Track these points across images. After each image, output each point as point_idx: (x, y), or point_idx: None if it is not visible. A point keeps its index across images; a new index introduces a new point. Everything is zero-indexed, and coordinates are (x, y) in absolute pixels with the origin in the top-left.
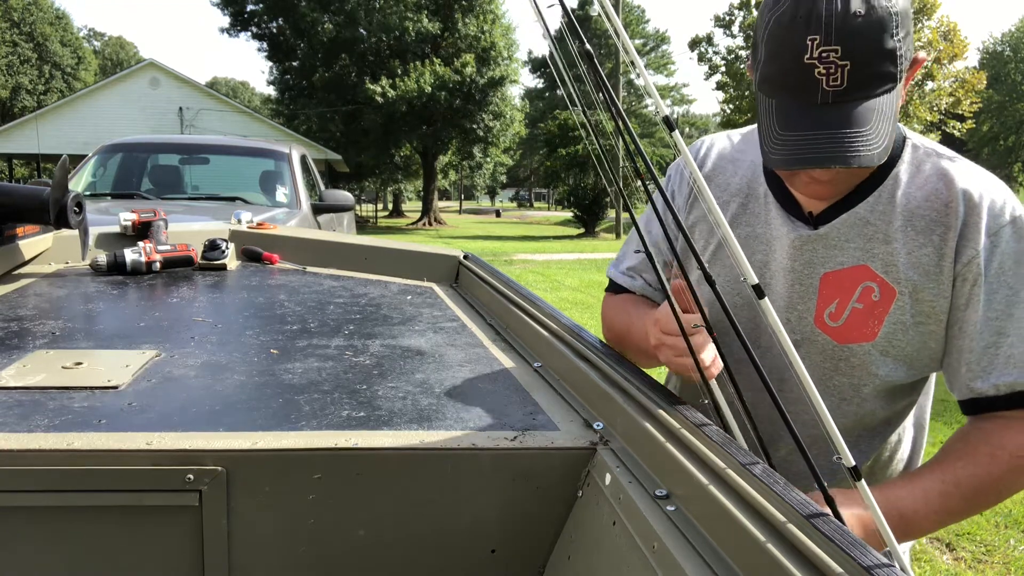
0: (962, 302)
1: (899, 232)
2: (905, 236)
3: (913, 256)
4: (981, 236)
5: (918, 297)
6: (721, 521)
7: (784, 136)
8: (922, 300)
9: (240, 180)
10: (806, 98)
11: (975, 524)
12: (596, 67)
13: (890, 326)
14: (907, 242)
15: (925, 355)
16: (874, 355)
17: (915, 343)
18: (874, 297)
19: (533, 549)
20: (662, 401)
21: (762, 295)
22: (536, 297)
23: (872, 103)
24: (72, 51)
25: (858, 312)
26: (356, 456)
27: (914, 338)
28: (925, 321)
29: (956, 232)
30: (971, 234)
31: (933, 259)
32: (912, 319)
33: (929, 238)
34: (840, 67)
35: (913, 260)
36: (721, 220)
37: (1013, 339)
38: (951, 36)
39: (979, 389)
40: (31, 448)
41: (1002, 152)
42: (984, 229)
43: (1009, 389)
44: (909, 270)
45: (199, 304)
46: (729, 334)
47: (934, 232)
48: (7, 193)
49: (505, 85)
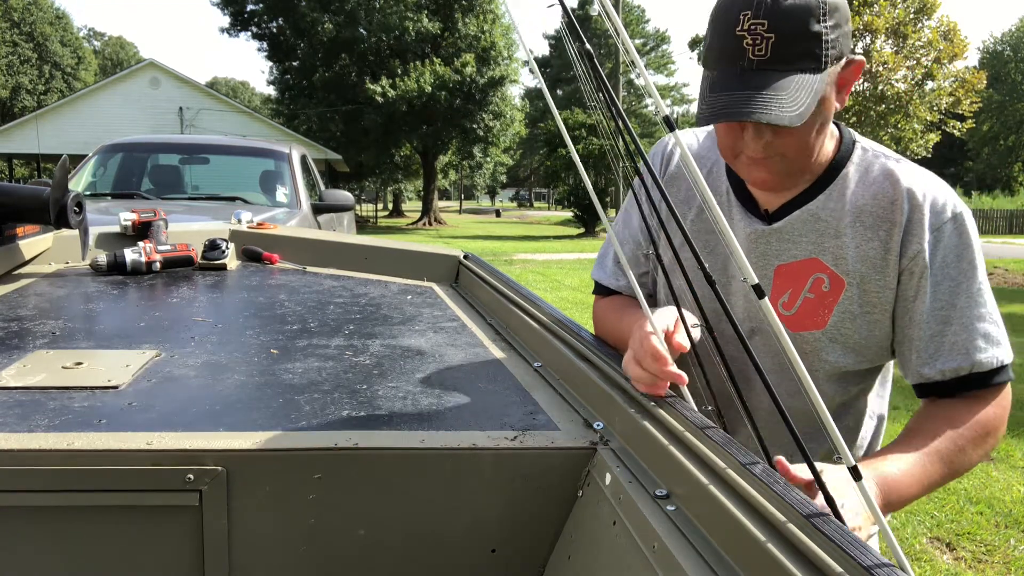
0: (911, 294)
1: (848, 228)
2: (854, 231)
3: (861, 250)
4: (925, 232)
5: (865, 288)
6: (721, 521)
7: (711, 97)
8: (869, 291)
9: (240, 180)
10: (733, 64)
11: (975, 524)
12: (596, 67)
13: (839, 315)
14: (855, 237)
15: (872, 343)
16: (824, 342)
17: (862, 331)
18: (824, 288)
19: (533, 549)
20: (662, 401)
21: (762, 295)
22: (536, 297)
23: (793, 77)
24: (72, 51)
25: (809, 302)
26: (356, 456)
27: (861, 327)
28: (871, 311)
29: (901, 228)
30: (916, 230)
31: (879, 253)
32: (860, 309)
33: (876, 233)
34: (765, 39)
35: (861, 253)
36: (720, 218)
37: (956, 327)
38: (951, 36)
39: (927, 375)
40: (31, 448)
41: (1002, 152)
42: (928, 225)
43: (954, 374)
44: (857, 263)
45: (199, 304)
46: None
47: (880, 228)
48: (7, 193)
49: (505, 85)
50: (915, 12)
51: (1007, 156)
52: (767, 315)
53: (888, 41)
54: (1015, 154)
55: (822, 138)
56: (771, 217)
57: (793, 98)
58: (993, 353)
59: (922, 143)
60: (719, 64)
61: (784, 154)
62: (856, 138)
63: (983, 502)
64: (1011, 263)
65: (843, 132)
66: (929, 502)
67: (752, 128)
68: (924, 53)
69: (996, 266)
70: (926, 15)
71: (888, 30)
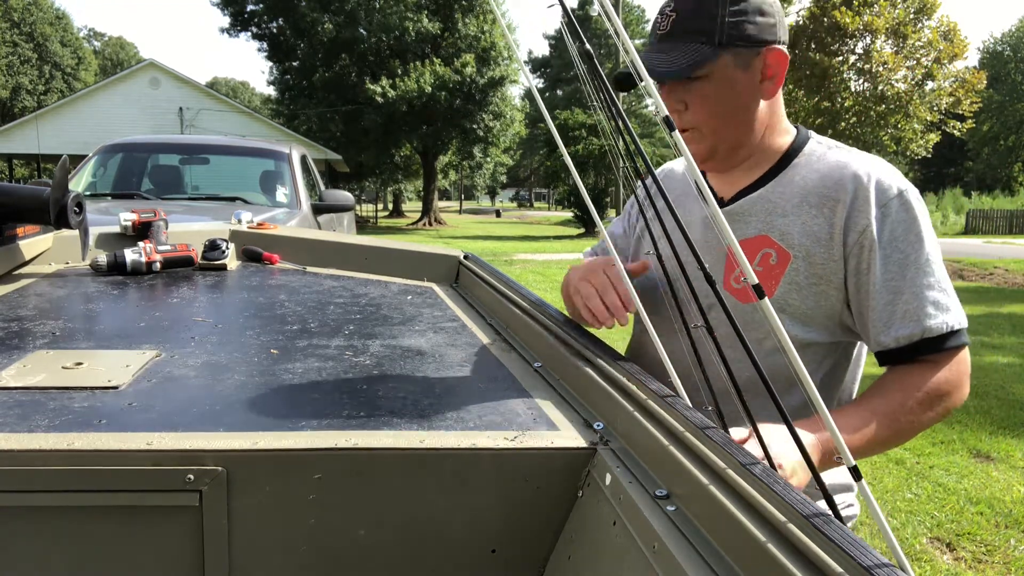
0: (864, 267)
1: (795, 208)
2: (800, 210)
3: (807, 226)
4: (872, 208)
5: (811, 261)
6: (721, 521)
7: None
8: (815, 263)
9: (240, 180)
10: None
11: (975, 524)
12: (596, 67)
13: (785, 286)
14: (802, 215)
15: (819, 314)
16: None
17: (809, 302)
18: (772, 261)
19: (533, 549)
20: (662, 401)
21: (762, 295)
22: (536, 297)
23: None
24: (72, 51)
25: (758, 274)
26: (356, 456)
27: (808, 297)
28: (818, 283)
29: (846, 206)
30: (862, 207)
31: (825, 229)
32: (806, 280)
33: (821, 211)
34: (668, 17)
35: (807, 230)
36: (726, 231)
37: (907, 296)
38: (951, 36)
39: (884, 343)
40: (31, 448)
41: (1002, 152)
42: (874, 202)
43: (908, 340)
44: (803, 238)
45: (199, 304)
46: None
47: (825, 206)
48: (7, 193)
49: (505, 85)
50: (915, 12)
51: (1007, 156)
52: (766, 314)
53: (888, 41)
54: (1015, 154)
55: (746, 117)
56: (728, 203)
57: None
58: (943, 319)
59: (922, 143)
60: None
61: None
62: (812, 135)
63: (983, 502)
64: (1011, 263)
65: (800, 130)
66: (929, 502)
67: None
68: (924, 53)
69: (996, 266)
70: (926, 15)
71: (888, 30)
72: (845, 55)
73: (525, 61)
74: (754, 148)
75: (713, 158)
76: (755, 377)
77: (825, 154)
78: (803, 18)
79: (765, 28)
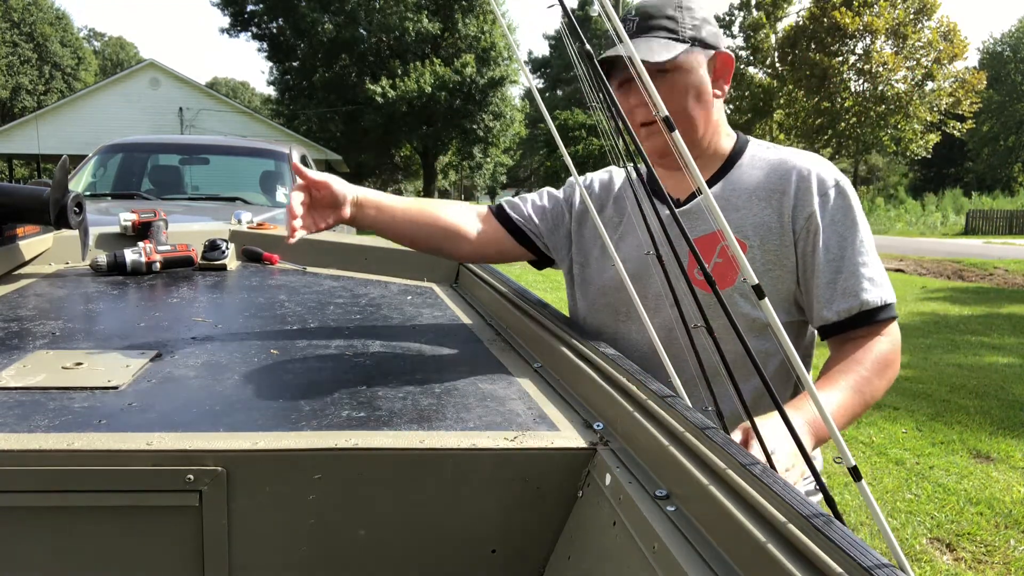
0: (810, 250)
1: (745, 203)
2: (750, 204)
3: (758, 217)
4: (814, 196)
5: (765, 248)
6: (721, 521)
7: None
8: (768, 250)
9: (240, 180)
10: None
11: (975, 524)
12: (596, 67)
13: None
14: (752, 207)
15: (776, 297)
16: (735, 297)
17: (767, 286)
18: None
19: (533, 549)
20: (662, 401)
21: (762, 295)
22: (536, 297)
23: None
24: (72, 51)
25: (719, 265)
26: (356, 456)
27: (766, 283)
28: (772, 268)
29: (791, 197)
30: (805, 197)
31: (774, 218)
32: (763, 266)
33: (769, 203)
34: (633, 21)
35: (758, 220)
36: (719, 216)
37: (845, 274)
38: (951, 36)
39: (826, 317)
40: (31, 448)
41: (1002, 152)
42: (815, 191)
43: (847, 314)
44: (756, 228)
45: (199, 304)
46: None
47: (772, 199)
48: (7, 193)
49: (505, 85)
50: (915, 13)
51: (1007, 156)
52: (766, 313)
53: (888, 42)
54: (1015, 155)
55: (702, 114)
56: (682, 204)
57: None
58: (878, 293)
59: (922, 143)
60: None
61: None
62: (750, 139)
63: (983, 502)
64: (1011, 263)
65: (739, 135)
66: (929, 502)
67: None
68: (924, 53)
69: (996, 266)
70: (926, 16)
71: (888, 30)
72: (845, 55)
73: (525, 61)
74: (704, 147)
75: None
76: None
77: (765, 153)
78: (803, 18)
79: (715, 35)
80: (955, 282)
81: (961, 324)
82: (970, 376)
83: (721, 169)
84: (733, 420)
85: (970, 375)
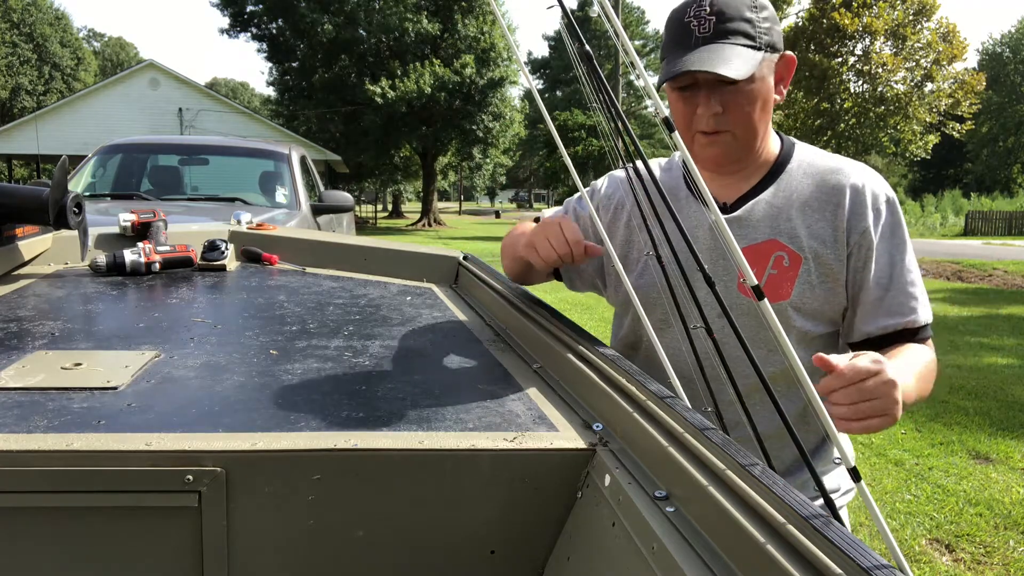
0: (860, 265)
1: (798, 212)
2: (803, 214)
3: (812, 230)
4: (868, 211)
5: (820, 261)
6: (720, 522)
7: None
8: (824, 264)
9: (240, 181)
10: (683, 43)
11: (974, 525)
12: (595, 68)
13: (800, 286)
14: (805, 218)
15: (828, 310)
16: (790, 311)
17: (820, 300)
18: (784, 263)
19: (532, 550)
20: (662, 402)
21: (762, 296)
22: (535, 298)
23: (730, 47)
24: (72, 52)
25: (774, 277)
26: (356, 457)
27: (820, 295)
28: (826, 281)
29: (846, 210)
30: (861, 211)
31: (829, 231)
32: (818, 280)
33: (823, 214)
34: (708, 20)
35: (812, 232)
36: (719, 217)
37: (894, 292)
38: (950, 37)
39: (867, 331)
40: (31, 449)
41: (1001, 153)
42: (869, 205)
43: (892, 329)
44: (810, 240)
45: (198, 305)
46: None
47: (827, 210)
48: (7, 194)
49: (505, 86)
50: (914, 14)
51: (1006, 158)
52: (766, 314)
53: (887, 43)
54: (1014, 156)
55: (765, 121)
56: (730, 208)
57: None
58: (923, 313)
59: (921, 144)
60: (672, 48)
61: (732, 128)
62: (795, 142)
63: (982, 503)
64: (1010, 265)
65: (783, 137)
66: (928, 503)
67: (704, 101)
68: (923, 55)
69: (995, 267)
70: (925, 17)
71: (887, 32)
72: (844, 56)
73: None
74: (757, 155)
75: (736, 161)
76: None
77: (814, 159)
78: (802, 19)
79: (780, 34)
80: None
81: (960, 325)
82: (969, 377)
83: (769, 174)
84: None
85: (969, 376)
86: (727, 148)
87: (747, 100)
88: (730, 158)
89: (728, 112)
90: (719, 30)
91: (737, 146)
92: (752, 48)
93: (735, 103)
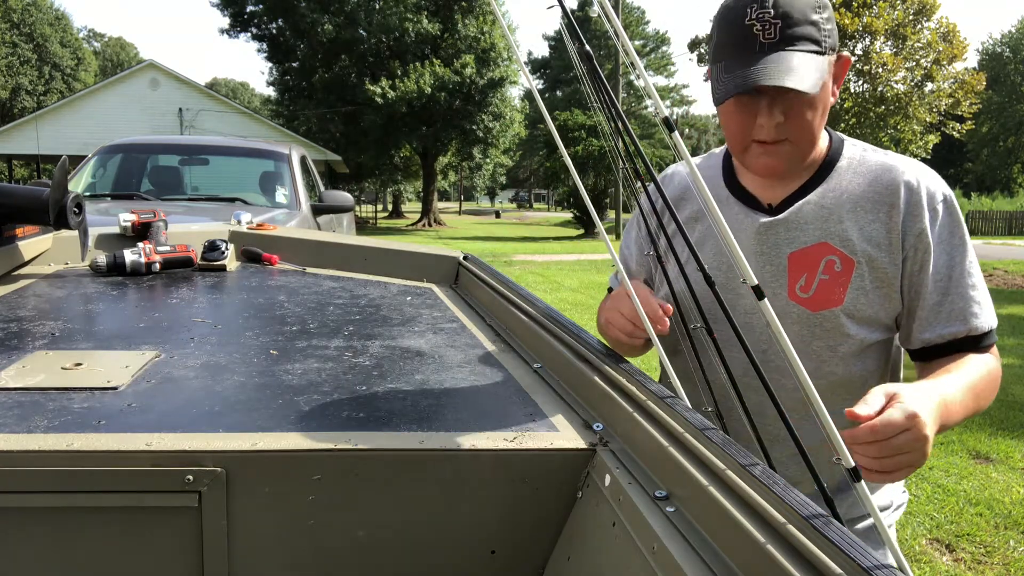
0: (916, 268)
1: (849, 213)
2: (855, 216)
3: (864, 231)
4: (924, 212)
5: (874, 265)
6: (721, 522)
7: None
8: (877, 268)
9: (240, 181)
10: (747, 49)
11: (975, 525)
12: (596, 68)
13: (853, 292)
14: (857, 220)
15: (883, 316)
16: (843, 318)
17: (875, 305)
18: (836, 268)
19: (533, 550)
20: (662, 402)
21: (762, 296)
22: (536, 298)
23: (799, 55)
24: (72, 52)
25: (825, 283)
26: (356, 457)
27: (874, 301)
28: (881, 286)
29: (900, 211)
30: (916, 211)
31: (882, 233)
32: (871, 285)
33: (877, 216)
34: (772, 24)
35: (865, 235)
36: (720, 220)
37: (953, 297)
38: (950, 37)
39: (927, 339)
40: (31, 449)
41: (1001, 153)
42: (926, 205)
43: (952, 337)
44: (863, 243)
45: (199, 305)
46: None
47: (880, 211)
48: (7, 194)
49: (505, 86)
50: (914, 13)
51: (1006, 157)
52: (766, 314)
53: (887, 42)
54: (1014, 155)
55: (822, 126)
56: (775, 210)
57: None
58: (985, 319)
59: (921, 144)
60: (732, 52)
61: (792, 138)
62: (844, 138)
63: (983, 503)
64: (1011, 264)
65: (831, 133)
66: (928, 503)
67: (766, 111)
68: (923, 55)
69: (995, 267)
70: (925, 16)
71: (887, 31)
72: None
73: (525, 62)
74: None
75: (790, 170)
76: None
77: (864, 155)
78: None
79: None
80: None
81: None
82: None
83: (818, 173)
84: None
85: None
86: (784, 157)
87: (810, 108)
88: (787, 167)
89: (789, 120)
90: (786, 36)
91: (795, 154)
92: (818, 53)
93: (798, 111)
